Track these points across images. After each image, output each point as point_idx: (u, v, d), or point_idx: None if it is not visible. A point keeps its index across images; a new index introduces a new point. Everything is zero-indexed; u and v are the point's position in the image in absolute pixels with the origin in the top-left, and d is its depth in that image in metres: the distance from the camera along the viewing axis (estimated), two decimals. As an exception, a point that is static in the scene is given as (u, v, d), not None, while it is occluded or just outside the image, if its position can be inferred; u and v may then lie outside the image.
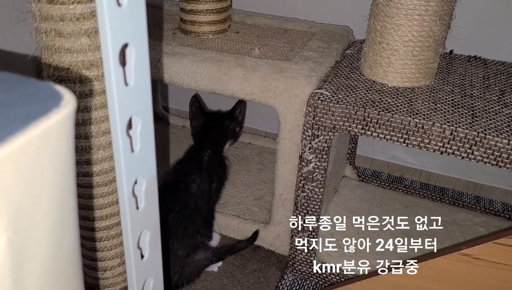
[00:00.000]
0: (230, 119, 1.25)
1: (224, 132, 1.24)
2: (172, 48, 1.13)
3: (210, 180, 1.15)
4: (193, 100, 1.25)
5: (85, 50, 0.79)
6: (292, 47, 1.18)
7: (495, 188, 1.43)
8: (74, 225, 0.36)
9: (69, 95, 0.33)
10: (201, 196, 1.11)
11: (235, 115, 1.26)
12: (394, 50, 0.96)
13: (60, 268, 0.35)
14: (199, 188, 1.11)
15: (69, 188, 0.34)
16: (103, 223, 0.96)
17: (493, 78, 1.06)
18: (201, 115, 1.25)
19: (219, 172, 1.20)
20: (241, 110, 1.27)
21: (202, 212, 1.12)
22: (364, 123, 0.91)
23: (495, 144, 0.82)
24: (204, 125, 1.24)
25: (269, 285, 1.11)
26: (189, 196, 1.09)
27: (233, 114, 1.26)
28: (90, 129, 0.86)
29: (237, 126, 1.27)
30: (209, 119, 1.25)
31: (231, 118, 1.26)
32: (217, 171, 1.19)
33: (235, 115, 1.26)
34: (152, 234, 0.53)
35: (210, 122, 1.24)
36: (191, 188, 1.10)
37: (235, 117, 1.26)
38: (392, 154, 1.53)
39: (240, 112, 1.27)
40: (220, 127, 1.24)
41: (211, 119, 1.26)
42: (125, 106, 0.42)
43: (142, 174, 0.48)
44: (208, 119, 1.25)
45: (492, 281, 0.71)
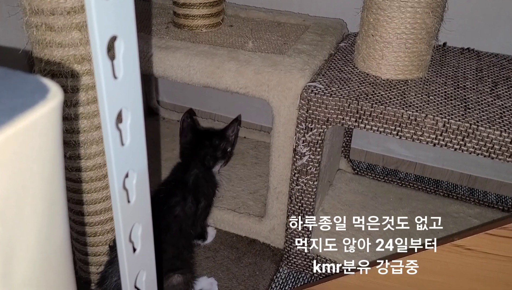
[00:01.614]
0: (221, 138, 1.18)
1: (213, 152, 1.16)
2: (165, 42, 1.13)
3: (197, 201, 1.08)
4: (185, 115, 1.18)
5: (77, 44, 0.78)
6: (285, 40, 1.18)
7: (489, 180, 1.44)
8: (63, 218, 0.36)
9: (56, 88, 0.33)
10: (185, 218, 1.05)
11: (226, 135, 1.19)
12: (387, 42, 0.96)
13: (49, 261, 0.35)
14: (183, 210, 1.04)
15: (58, 181, 0.34)
16: (97, 218, 0.96)
17: (486, 70, 1.06)
18: (190, 132, 1.18)
19: (207, 191, 1.13)
20: (234, 130, 1.20)
21: (185, 234, 1.05)
22: (358, 115, 0.91)
23: (487, 135, 0.83)
24: (192, 142, 1.17)
25: (264, 278, 1.11)
26: (171, 219, 1.02)
27: (225, 133, 1.19)
28: (83, 123, 0.85)
29: (228, 146, 1.19)
30: (198, 137, 1.17)
31: (222, 137, 1.18)
32: (204, 191, 1.12)
33: (227, 134, 1.19)
34: (144, 227, 0.53)
35: (198, 140, 1.17)
36: (174, 211, 1.03)
37: (226, 137, 1.19)
38: (387, 147, 1.53)
39: (233, 131, 1.20)
40: (209, 146, 1.16)
41: (200, 137, 1.18)
42: (114, 99, 0.42)
43: (133, 167, 0.48)
44: (197, 136, 1.17)
45: (484, 272, 0.71)
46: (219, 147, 1.17)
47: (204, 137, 1.17)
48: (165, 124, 1.68)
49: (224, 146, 1.18)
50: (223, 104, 1.70)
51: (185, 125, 1.18)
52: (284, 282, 1.13)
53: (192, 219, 1.07)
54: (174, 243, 1.00)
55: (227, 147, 1.19)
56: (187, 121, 1.18)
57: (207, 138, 1.17)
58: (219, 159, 1.18)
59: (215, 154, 1.16)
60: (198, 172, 1.12)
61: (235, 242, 1.22)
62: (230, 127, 1.19)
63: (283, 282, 1.13)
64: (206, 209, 1.14)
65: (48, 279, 0.36)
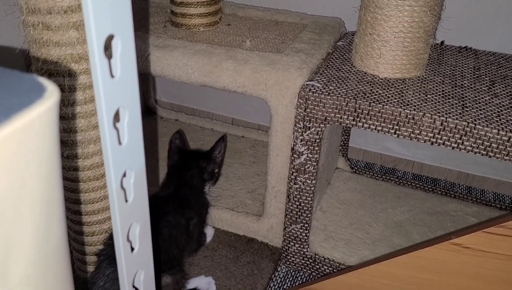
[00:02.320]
0: (207, 160, 1.17)
1: (200, 174, 1.15)
2: (162, 41, 1.13)
3: (187, 218, 1.06)
4: (174, 136, 1.17)
5: (74, 43, 0.78)
6: (283, 39, 1.18)
7: (486, 178, 1.44)
8: (60, 218, 0.36)
9: (53, 87, 0.32)
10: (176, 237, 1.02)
11: (213, 156, 1.18)
12: (384, 41, 0.96)
13: (47, 261, 0.35)
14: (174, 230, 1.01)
15: (55, 180, 0.34)
16: (95, 217, 0.96)
17: (483, 69, 1.06)
18: (177, 154, 1.17)
19: (198, 209, 1.11)
20: (220, 150, 1.19)
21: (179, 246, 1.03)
22: (355, 114, 0.91)
23: (485, 134, 0.83)
24: (178, 165, 1.15)
25: (262, 277, 1.11)
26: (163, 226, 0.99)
27: (211, 154, 1.18)
28: (80, 122, 0.85)
29: (215, 167, 1.18)
30: (184, 159, 1.16)
31: (208, 159, 1.17)
32: (195, 208, 1.10)
33: (213, 156, 1.18)
34: (142, 227, 0.53)
35: (185, 162, 1.15)
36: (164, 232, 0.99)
37: (213, 158, 1.18)
38: (385, 145, 1.53)
39: (220, 152, 1.19)
40: (195, 168, 1.15)
41: (187, 159, 1.16)
42: (112, 98, 0.42)
43: (130, 166, 0.48)
44: (184, 158, 1.16)
45: (482, 270, 0.71)
46: (206, 169, 1.16)
47: (190, 160, 1.16)
48: (163, 123, 1.68)
49: (211, 168, 1.17)
50: (221, 103, 1.69)
51: (172, 147, 1.17)
52: (282, 281, 1.13)
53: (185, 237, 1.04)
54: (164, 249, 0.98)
55: (214, 168, 1.18)
56: (175, 143, 1.17)
57: (194, 160, 1.16)
58: (206, 181, 1.17)
59: (202, 176, 1.15)
60: (187, 192, 1.10)
61: (233, 241, 1.22)
62: (216, 148, 1.18)
63: (282, 281, 1.13)
64: (198, 226, 1.10)
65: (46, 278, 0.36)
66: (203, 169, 1.16)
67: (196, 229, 1.09)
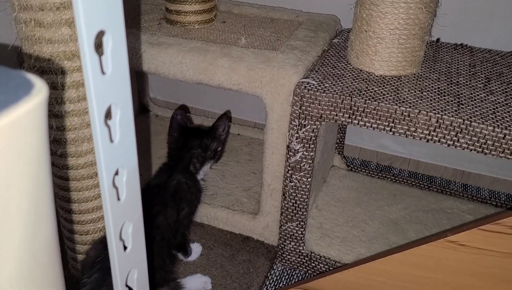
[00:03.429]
0: (212, 138, 1.11)
1: (203, 152, 1.10)
2: (157, 38, 1.12)
3: (179, 208, 1.03)
4: (176, 112, 1.12)
5: (66, 40, 0.77)
6: (278, 36, 1.18)
7: (482, 175, 1.44)
8: (50, 216, 0.35)
9: (41, 84, 0.32)
10: (167, 228, 1.00)
11: (217, 134, 1.13)
12: (380, 38, 0.96)
13: (36, 260, 0.34)
14: (165, 220, 1.00)
15: (44, 178, 0.33)
16: (89, 216, 0.95)
17: (479, 66, 1.06)
18: (178, 130, 1.12)
19: (190, 198, 1.07)
20: (224, 127, 1.14)
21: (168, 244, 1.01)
22: (351, 112, 0.91)
23: (480, 131, 0.83)
24: (179, 142, 1.11)
25: (258, 275, 1.11)
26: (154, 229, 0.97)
27: (215, 132, 1.13)
28: (74, 121, 0.84)
29: (219, 145, 1.14)
30: (186, 136, 1.11)
31: (212, 136, 1.12)
32: (186, 197, 1.06)
33: (217, 133, 1.13)
34: (135, 225, 0.52)
35: (186, 140, 1.10)
36: (156, 221, 0.98)
37: (217, 136, 1.13)
38: (381, 143, 1.53)
39: (223, 129, 1.14)
40: (198, 147, 1.10)
41: (189, 136, 1.11)
42: (103, 95, 0.42)
43: (122, 164, 0.47)
44: (185, 136, 1.11)
45: (477, 267, 0.71)
46: (209, 148, 1.11)
47: (193, 137, 1.11)
48: (158, 121, 1.67)
49: (215, 146, 1.13)
50: (216, 101, 1.69)
51: (173, 123, 1.12)
52: (278, 279, 1.13)
53: (174, 228, 1.03)
54: (157, 253, 0.96)
55: (218, 146, 1.13)
56: (177, 119, 1.12)
57: (197, 138, 1.11)
58: (208, 159, 1.12)
59: (205, 155, 1.11)
60: (181, 177, 1.06)
61: (229, 239, 1.21)
62: (220, 125, 1.13)
63: (277, 279, 1.13)
64: (188, 217, 1.08)
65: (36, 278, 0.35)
66: (207, 147, 1.11)
67: (184, 221, 1.06)
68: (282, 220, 1.11)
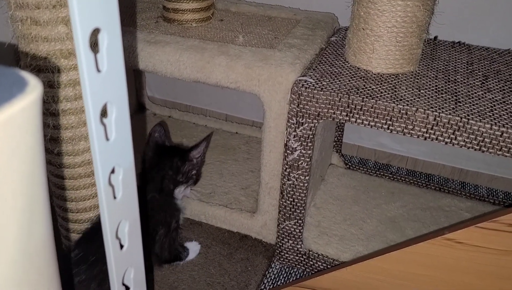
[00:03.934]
0: (183, 160, 1.04)
1: (174, 175, 1.04)
2: (154, 37, 1.12)
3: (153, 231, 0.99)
4: (154, 128, 1.06)
5: (63, 39, 0.77)
6: (276, 34, 1.17)
7: (480, 173, 1.44)
8: (45, 216, 0.35)
9: (35, 81, 0.32)
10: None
11: (190, 156, 1.05)
12: (378, 36, 0.96)
13: (31, 260, 0.34)
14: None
15: (38, 177, 0.33)
16: (87, 215, 0.95)
17: (476, 64, 1.06)
18: (154, 148, 1.05)
19: (164, 220, 1.02)
20: (200, 151, 1.06)
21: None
22: (348, 110, 0.91)
23: (478, 129, 0.83)
24: (153, 160, 1.04)
25: (256, 273, 1.11)
26: None
27: (188, 154, 1.05)
28: (71, 119, 0.84)
29: (193, 168, 1.06)
30: (160, 156, 1.04)
31: (184, 159, 1.04)
32: (160, 219, 1.01)
33: (190, 156, 1.05)
34: (131, 224, 0.52)
35: (160, 159, 1.04)
36: None
37: (190, 159, 1.05)
38: (379, 141, 1.53)
39: (199, 153, 1.06)
40: (169, 168, 1.03)
41: (163, 155, 1.04)
42: (98, 93, 0.41)
43: (118, 163, 0.47)
44: (160, 155, 1.05)
45: (475, 265, 0.71)
46: (181, 170, 1.04)
47: (166, 157, 1.04)
48: (156, 120, 1.67)
49: (186, 169, 1.05)
50: (214, 99, 1.69)
51: (150, 141, 1.07)
52: (276, 277, 1.12)
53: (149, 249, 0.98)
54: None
55: (190, 170, 1.06)
56: (154, 136, 1.06)
57: (169, 159, 1.04)
58: (180, 183, 1.05)
59: (175, 178, 1.04)
60: (155, 197, 1.01)
61: (227, 237, 1.21)
62: (197, 147, 1.05)
63: (275, 277, 1.13)
64: (167, 235, 1.02)
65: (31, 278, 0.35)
66: (177, 170, 1.04)
67: (166, 241, 1.02)
68: (280, 219, 1.10)
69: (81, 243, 0.91)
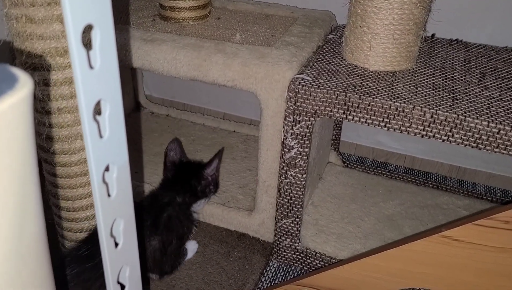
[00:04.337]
0: (199, 180, 1.09)
1: (193, 193, 1.08)
2: (151, 35, 1.11)
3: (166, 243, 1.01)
4: (169, 146, 1.10)
5: (58, 37, 0.77)
6: (273, 32, 1.17)
7: (478, 171, 1.44)
8: (37, 214, 0.35)
9: (26, 78, 0.31)
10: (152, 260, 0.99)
11: (205, 175, 1.09)
12: (375, 33, 0.95)
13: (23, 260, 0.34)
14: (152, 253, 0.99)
15: (30, 174, 0.33)
16: (84, 214, 0.94)
17: (474, 61, 1.06)
18: (172, 169, 1.10)
19: (181, 231, 1.05)
20: (213, 168, 1.10)
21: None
22: (345, 107, 0.91)
23: (475, 126, 0.82)
24: (170, 182, 1.09)
25: (254, 272, 1.11)
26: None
27: (203, 173, 1.09)
28: (67, 117, 0.84)
29: (209, 185, 1.11)
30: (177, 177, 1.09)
31: (199, 178, 1.09)
32: (177, 231, 1.04)
33: (204, 175, 1.09)
34: (126, 222, 0.52)
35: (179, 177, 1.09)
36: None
37: (205, 177, 1.09)
38: (377, 139, 1.53)
39: (213, 170, 1.10)
40: (187, 190, 1.07)
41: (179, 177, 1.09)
42: (91, 90, 0.41)
43: (112, 161, 0.47)
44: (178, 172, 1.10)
45: (472, 262, 0.71)
46: (198, 191, 1.09)
47: (183, 177, 1.09)
48: (154, 119, 1.66)
49: (203, 188, 1.10)
50: (212, 98, 1.68)
51: (167, 161, 1.11)
52: (274, 275, 1.12)
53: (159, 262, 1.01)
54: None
55: (207, 186, 1.11)
56: (170, 156, 1.10)
57: (186, 180, 1.08)
58: (199, 198, 1.10)
59: (194, 198, 1.09)
60: (173, 211, 1.03)
61: (225, 236, 1.21)
62: (210, 165, 1.09)
63: (273, 275, 1.12)
64: (177, 249, 1.05)
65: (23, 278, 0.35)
66: (195, 191, 1.08)
67: (174, 252, 1.04)
68: (277, 217, 1.10)
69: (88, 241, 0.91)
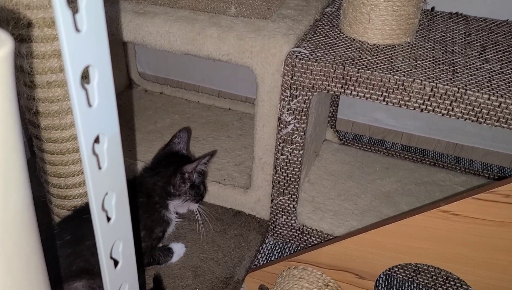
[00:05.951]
0: (175, 171, 0.95)
1: (164, 185, 0.96)
2: (143, 7, 1.08)
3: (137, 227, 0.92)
4: (178, 133, 1.03)
5: (46, 6, 0.74)
6: (269, 5, 1.14)
7: (475, 148, 1.43)
8: (22, 183, 0.33)
9: (5, 36, 0.29)
10: None
11: (182, 169, 0.95)
12: (374, 5, 0.93)
13: (7, 230, 0.32)
14: None
15: (12, 140, 0.31)
16: (77, 191, 0.93)
17: (474, 35, 1.04)
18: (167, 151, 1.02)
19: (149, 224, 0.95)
20: (195, 167, 0.96)
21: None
22: (344, 81, 0.89)
23: (475, 99, 0.81)
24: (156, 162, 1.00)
25: (250, 249, 1.10)
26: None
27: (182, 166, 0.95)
28: (57, 92, 0.81)
29: (184, 183, 0.97)
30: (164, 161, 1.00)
31: (176, 170, 0.96)
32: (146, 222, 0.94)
33: (183, 169, 0.95)
34: (118, 196, 0.50)
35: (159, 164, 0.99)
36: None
37: (182, 171, 0.95)
38: (374, 116, 1.51)
39: (193, 169, 0.96)
40: (160, 176, 0.96)
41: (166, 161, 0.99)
42: (78, 54, 0.39)
43: (103, 131, 0.45)
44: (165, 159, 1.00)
45: (471, 237, 0.70)
46: (171, 181, 0.96)
47: (164, 164, 0.99)
48: (147, 96, 1.64)
49: (177, 182, 0.96)
50: (207, 75, 1.65)
51: (168, 144, 1.03)
52: (270, 253, 1.12)
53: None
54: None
55: (181, 183, 0.96)
56: (173, 141, 1.03)
57: (166, 166, 0.97)
58: (172, 196, 0.96)
59: (165, 187, 0.96)
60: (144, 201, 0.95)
61: (220, 214, 1.20)
62: (192, 163, 0.96)
63: (269, 253, 1.12)
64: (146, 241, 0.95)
65: (7, 249, 0.33)
66: (168, 180, 0.96)
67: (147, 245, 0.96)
68: (273, 194, 1.09)
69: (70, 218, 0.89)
